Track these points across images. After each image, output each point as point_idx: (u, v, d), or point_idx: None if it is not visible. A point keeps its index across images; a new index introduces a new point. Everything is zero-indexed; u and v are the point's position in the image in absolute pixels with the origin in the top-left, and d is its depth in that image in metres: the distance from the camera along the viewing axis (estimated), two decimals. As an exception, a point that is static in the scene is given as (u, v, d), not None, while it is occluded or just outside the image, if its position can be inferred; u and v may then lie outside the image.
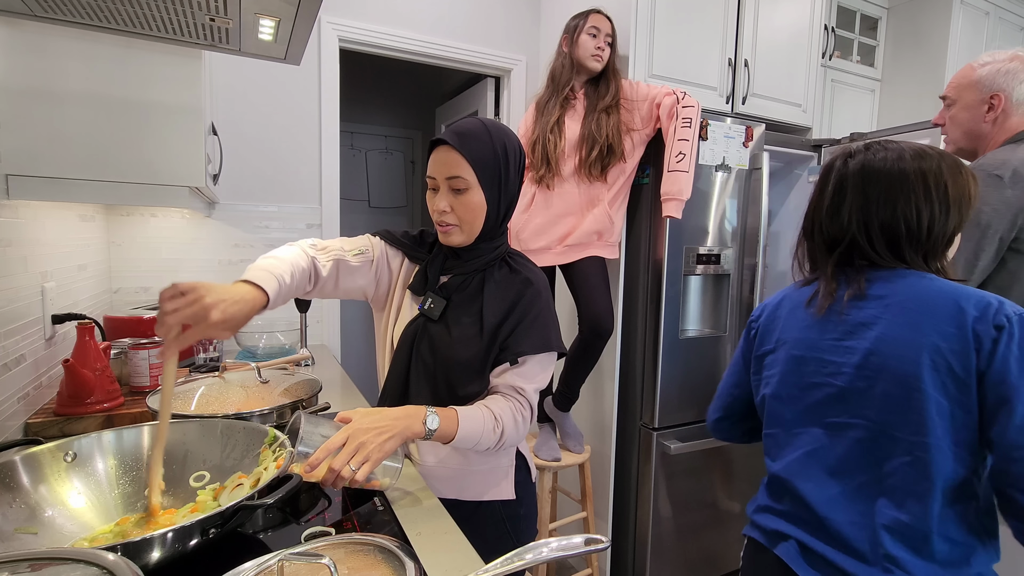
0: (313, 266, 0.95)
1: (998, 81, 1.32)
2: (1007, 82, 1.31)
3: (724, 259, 2.00)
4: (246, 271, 0.85)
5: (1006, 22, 3.06)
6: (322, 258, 0.97)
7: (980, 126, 1.37)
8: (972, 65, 1.38)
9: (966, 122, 1.39)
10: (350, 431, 0.82)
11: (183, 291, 0.73)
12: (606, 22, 1.82)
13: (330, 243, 1.02)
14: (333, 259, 0.99)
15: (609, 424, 2.07)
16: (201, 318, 0.72)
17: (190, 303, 0.72)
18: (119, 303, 1.89)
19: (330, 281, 0.99)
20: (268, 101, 2.08)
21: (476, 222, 0.97)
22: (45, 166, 1.13)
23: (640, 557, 1.99)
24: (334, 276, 0.99)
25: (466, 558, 0.73)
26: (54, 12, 0.91)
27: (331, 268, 0.98)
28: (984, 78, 1.35)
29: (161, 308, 0.72)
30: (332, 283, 0.99)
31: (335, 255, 0.99)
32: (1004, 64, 1.33)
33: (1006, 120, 1.34)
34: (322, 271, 0.96)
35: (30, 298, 1.19)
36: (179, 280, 0.74)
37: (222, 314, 0.74)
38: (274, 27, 0.99)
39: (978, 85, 1.35)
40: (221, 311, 0.74)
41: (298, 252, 0.94)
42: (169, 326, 0.72)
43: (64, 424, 1.17)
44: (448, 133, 0.95)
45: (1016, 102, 1.31)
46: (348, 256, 1.01)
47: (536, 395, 1.00)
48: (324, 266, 0.97)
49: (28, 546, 0.66)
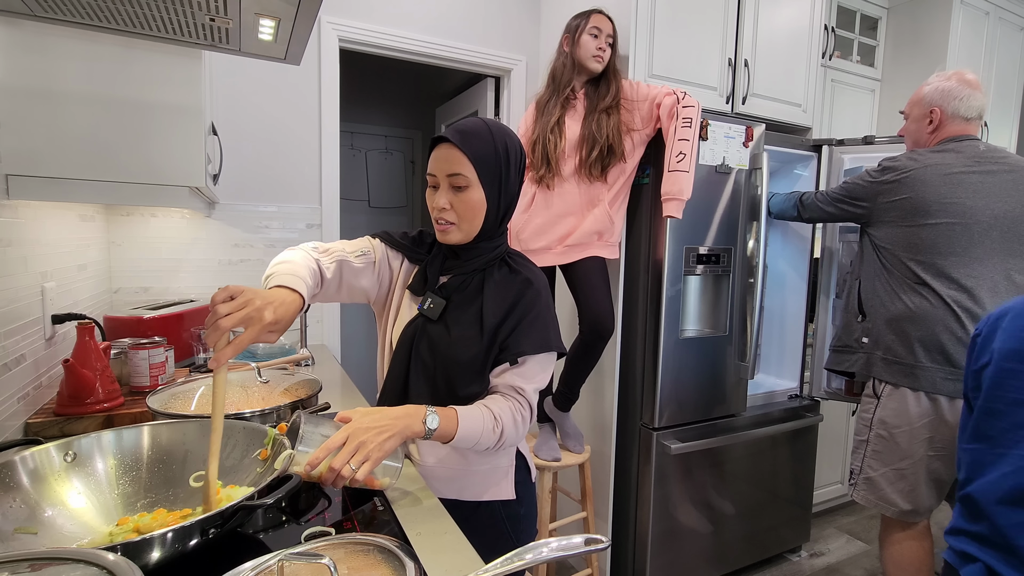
0: (318, 268, 0.96)
1: (935, 98, 1.59)
2: (943, 99, 1.57)
3: (724, 259, 2.00)
4: (270, 278, 0.86)
5: (1006, 22, 3.06)
6: (325, 260, 0.97)
7: (923, 136, 1.65)
8: (923, 84, 1.65)
9: (913, 133, 1.68)
10: (350, 430, 0.82)
11: (233, 295, 0.73)
12: (608, 23, 1.82)
13: (331, 246, 1.02)
14: (336, 261, 0.99)
15: (609, 424, 2.07)
16: (256, 320, 0.73)
17: (243, 305, 0.73)
18: (119, 303, 1.88)
19: (334, 283, 0.99)
20: (268, 101, 2.08)
21: (475, 220, 0.97)
22: (45, 166, 1.13)
23: (640, 557, 1.99)
24: (338, 278, 0.99)
25: (466, 558, 0.73)
26: (54, 12, 0.91)
27: (335, 270, 0.98)
28: (927, 95, 1.62)
29: (214, 312, 0.72)
30: (336, 285, 0.99)
31: (338, 257, 0.99)
32: (944, 83, 1.59)
33: (941, 131, 1.60)
34: (326, 273, 0.96)
35: (30, 298, 1.19)
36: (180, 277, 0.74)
37: (274, 314, 0.76)
38: (274, 27, 0.99)
39: (922, 101, 1.63)
40: (273, 311, 0.76)
41: (304, 255, 0.94)
42: (223, 330, 0.72)
43: (64, 424, 1.17)
44: (450, 131, 0.95)
45: (950, 115, 1.57)
46: (351, 258, 1.01)
47: (536, 395, 1.00)
48: (328, 268, 0.97)
49: (28, 546, 0.66)
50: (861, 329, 1.68)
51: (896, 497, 1.58)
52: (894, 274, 1.61)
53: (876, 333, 1.63)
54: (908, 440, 1.55)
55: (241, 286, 0.75)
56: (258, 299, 0.75)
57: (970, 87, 1.56)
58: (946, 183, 1.52)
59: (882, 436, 1.59)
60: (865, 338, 1.66)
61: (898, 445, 1.57)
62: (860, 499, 1.66)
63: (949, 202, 1.52)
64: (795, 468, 2.30)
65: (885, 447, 1.60)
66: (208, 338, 0.72)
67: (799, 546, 2.41)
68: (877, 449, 1.61)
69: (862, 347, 1.67)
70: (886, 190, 1.61)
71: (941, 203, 1.52)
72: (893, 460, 1.58)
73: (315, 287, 0.92)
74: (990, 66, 3.03)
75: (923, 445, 1.53)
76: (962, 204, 1.51)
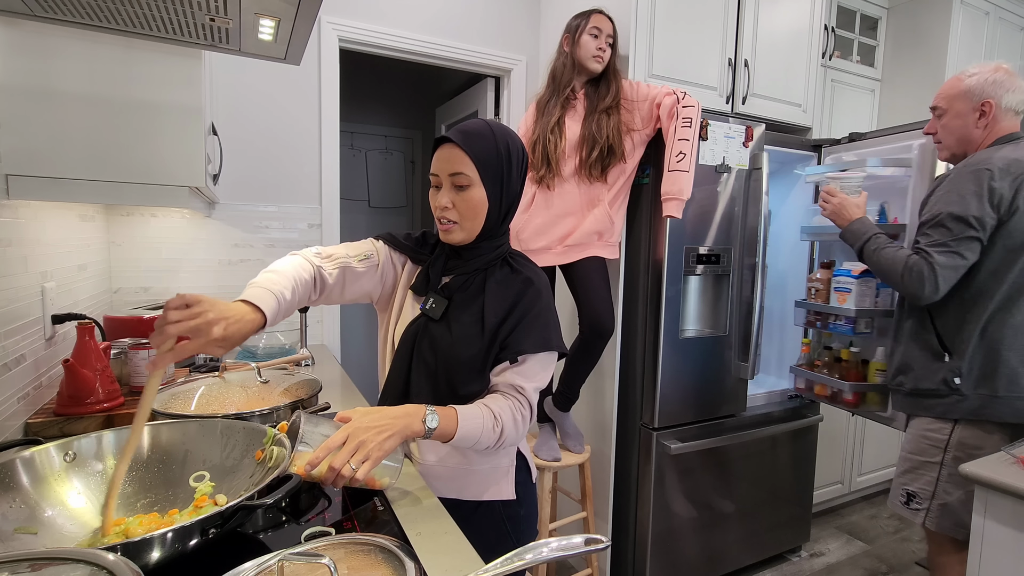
0: (319, 274, 0.96)
1: (987, 90, 1.44)
2: (995, 91, 1.43)
3: (724, 259, 2.00)
4: (246, 288, 0.85)
5: (1006, 22, 3.06)
6: (328, 266, 0.98)
7: (972, 132, 1.48)
8: (959, 76, 1.49)
9: (958, 129, 1.50)
10: (350, 430, 0.82)
11: (188, 303, 0.73)
12: (608, 23, 1.82)
13: (335, 250, 1.02)
14: (339, 267, 0.99)
15: (609, 424, 2.07)
16: (203, 332, 0.73)
17: (194, 315, 0.73)
18: (119, 303, 1.88)
19: (336, 288, 0.99)
20: (268, 101, 2.08)
21: (477, 219, 0.97)
22: (45, 166, 1.13)
23: (640, 557, 1.99)
24: (341, 283, 1.00)
25: (466, 558, 0.73)
26: (54, 12, 0.91)
27: (338, 276, 0.99)
28: (974, 87, 1.46)
29: (163, 317, 0.72)
30: (339, 290, 1.00)
31: (341, 262, 1.00)
32: (991, 74, 1.45)
33: (995, 125, 1.46)
34: (328, 279, 0.97)
35: (30, 298, 1.19)
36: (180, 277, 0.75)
37: (223, 331, 0.75)
38: (274, 27, 0.99)
39: (968, 94, 1.47)
40: (223, 328, 0.74)
41: (300, 263, 0.95)
42: (168, 336, 0.72)
43: (64, 424, 1.16)
44: (452, 131, 0.96)
45: (1004, 108, 1.43)
46: (354, 262, 1.02)
47: (536, 394, 1.00)
48: (331, 274, 0.98)
49: (28, 546, 0.66)
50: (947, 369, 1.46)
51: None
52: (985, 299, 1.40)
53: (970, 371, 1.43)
54: None
55: (200, 296, 0.75)
56: (212, 312, 0.74)
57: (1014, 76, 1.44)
58: None
59: (960, 459, 1.40)
60: (956, 379, 1.44)
61: None
62: (932, 526, 1.48)
63: None
64: (795, 468, 2.30)
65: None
66: (152, 340, 0.72)
67: (799, 546, 2.41)
68: (954, 472, 1.42)
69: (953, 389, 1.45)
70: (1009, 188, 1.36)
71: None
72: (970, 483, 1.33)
73: (302, 299, 0.92)
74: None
75: None
76: None
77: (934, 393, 1.48)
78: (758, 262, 2.03)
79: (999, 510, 1.17)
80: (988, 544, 1.19)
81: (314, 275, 0.95)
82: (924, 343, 1.51)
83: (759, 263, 2.03)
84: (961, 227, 1.38)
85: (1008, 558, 1.15)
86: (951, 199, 1.40)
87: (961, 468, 1.23)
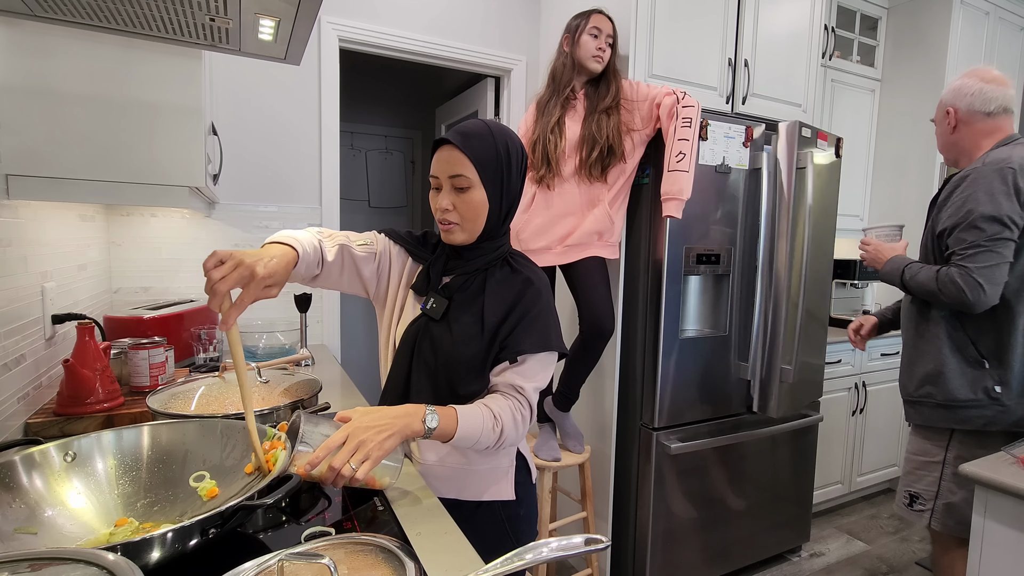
0: (321, 247, 0.97)
1: (948, 98, 1.53)
2: (955, 97, 1.51)
3: (724, 259, 2.00)
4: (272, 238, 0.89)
5: (1006, 22, 3.06)
6: (328, 243, 0.99)
7: (950, 138, 1.55)
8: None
9: (941, 137, 1.59)
10: (350, 430, 0.82)
11: (222, 259, 0.75)
12: (608, 23, 1.82)
13: (336, 232, 1.03)
14: (338, 244, 1.00)
15: (609, 424, 2.07)
16: (250, 277, 0.75)
17: (234, 267, 0.75)
18: (119, 303, 1.88)
19: (335, 268, 1.00)
20: (268, 101, 2.08)
21: (478, 220, 0.97)
22: (45, 166, 1.13)
23: (640, 557, 1.99)
24: (339, 263, 1.00)
25: (466, 558, 0.73)
26: (54, 12, 0.91)
27: (336, 254, 0.99)
28: (943, 97, 1.56)
29: (209, 278, 0.73)
30: (337, 270, 1.01)
31: (340, 241, 1.01)
32: (956, 82, 1.53)
33: (968, 128, 1.50)
34: (327, 255, 0.98)
35: (30, 298, 1.19)
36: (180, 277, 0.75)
37: (266, 268, 0.78)
38: (274, 27, 0.99)
39: (941, 104, 1.57)
40: (264, 266, 0.77)
41: (306, 232, 0.96)
42: (221, 293, 0.73)
43: (64, 424, 1.17)
44: (451, 133, 0.96)
45: (967, 111, 1.49)
46: (353, 245, 1.02)
47: (536, 394, 1.00)
48: (330, 251, 0.98)
49: (28, 546, 0.66)
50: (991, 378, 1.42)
51: None
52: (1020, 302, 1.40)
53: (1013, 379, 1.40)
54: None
55: (229, 250, 0.77)
56: (248, 257, 0.76)
57: (982, 81, 1.48)
58: None
59: (963, 457, 1.41)
60: (998, 387, 1.41)
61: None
62: (938, 526, 1.48)
63: None
64: (795, 468, 2.30)
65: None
66: (211, 304, 0.74)
67: (799, 546, 2.41)
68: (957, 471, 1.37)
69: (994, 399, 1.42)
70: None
71: None
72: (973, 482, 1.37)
73: (315, 259, 0.94)
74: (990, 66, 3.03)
75: None
76: None
77: (974, 404, 1.43)
78: (758, 262, 2.03)
79: (999, 510, 1.17)
80: (988, 544, 1.19)
81: (316, 247, 0.96)
82: (958, 351, 1.46)
83: (759, 263, 2.03)
84: (996, 227, 1.35)
85: (1008, 558, 1.15)
86: (980, 198, 1.36)
87: (961, 468, 1.22)
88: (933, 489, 1.48)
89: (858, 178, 3.07)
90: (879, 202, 3.11)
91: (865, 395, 2.70)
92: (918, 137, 2.92)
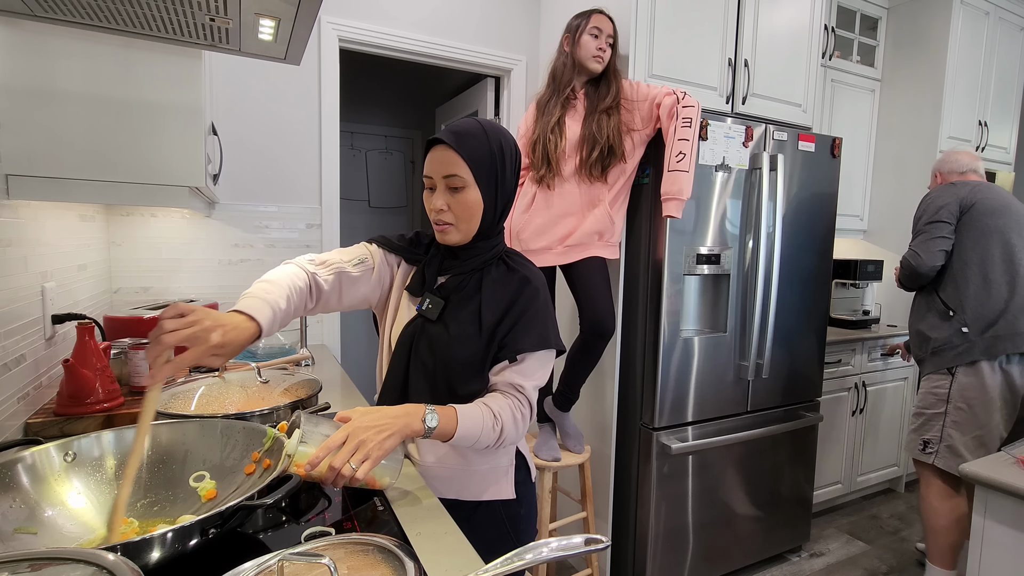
0: (314, 282, 0.95)
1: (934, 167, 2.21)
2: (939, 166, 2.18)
3: (724, 259, 2.00)
4: (240, 299, 0.84)
5: (1006, 22, 3.06)
6: (323, 273, 0.97)
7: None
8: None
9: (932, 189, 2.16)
10: (349, 429, 0.82)
11: (183, 312, 0.73)
12: (608, 23, 1.82)
13: (328, 256, 1.01)
14: (335, 272, 0.98)
15: (609, 424, 2.07)
16: (201, 340, 0.72)
17: (190, 323, 0.72)
18: (119, 303, 1.89)
19: (333, 295, 0.99)
20: (268, 101, 2.08)
21: (473, 220, 0.97)
22: (45, 166, 1.13)
23: (640, 557, 1.99)
24: (337, 290, 0.99)
25: (466, 558, 0.73)
26: (54, 12, 0.91)
27: (333, 282, 0.98)
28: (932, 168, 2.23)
29: (159, 327, 0.71)
30: (336, 297, 0.99)
31: (336, 268, 0.99)
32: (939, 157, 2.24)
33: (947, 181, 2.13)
34: (324, 286, 0.96)
35: (30, 298, 1.19)
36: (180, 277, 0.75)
37: (221, 338, 0.74)
38: (274, 27, 0.99)
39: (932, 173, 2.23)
40: (221, 335, 0.74)
41: (294, 271, 0.93)
42: (165, 346, 0.71)
43: (64, 424, 1.17)
44: (444, 132, 0.95)
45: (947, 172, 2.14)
46: (348, 267, 1.01)
47: (535, 393, 1.00)
48: (326, 280, 0.97)
49: (28, 546, 0.66)
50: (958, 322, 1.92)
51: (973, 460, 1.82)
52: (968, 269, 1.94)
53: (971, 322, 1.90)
54: (985, 411, 1.87)
55: (194, 306, 0.74)
56: (208, 320, 0.73)
57: (955, 153, 2.15)
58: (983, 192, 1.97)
59: (961, 408, 1.89)
60: (965, 328, 1.90)
61: (976, 416, 1.88)
62: (942, 464, 1.93)
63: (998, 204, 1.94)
64: (795, 468, 2.30)
65: (964, 418, 1.89)
66: (148, 352, 0.71)
67: (799, 546, 2.41)
68: (957, 420, 1.90)
69: (964, 339, 1.91)
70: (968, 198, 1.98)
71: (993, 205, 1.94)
72: (972, 430, 1.88)
73: (297, 308, 0.91)
74: (990, 66, 3.03)
75: (997, 414, 1.87)
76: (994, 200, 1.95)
77: (952, 344, 1.92)
78: (758, 262, 2.03)
79: (999, 510, 1.17)
80: (988, 544, 1.19)
81: (309, 283, 0.94)
82: (934, 310, 1.99)
83: (759, 263, 2.03)
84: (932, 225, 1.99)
85: (1008, 558, 1.16)
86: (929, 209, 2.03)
87: (961, 468, 1.23)
88: (939, 435, 1.94)
89: (858, 178, 3.07)
90: (879, 202, 3.11)
91: (865, 395, 2.70)
92: (918, 137, 2.92)
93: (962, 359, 1.89)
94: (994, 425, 1.87)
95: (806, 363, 2.27)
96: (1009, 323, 1.86)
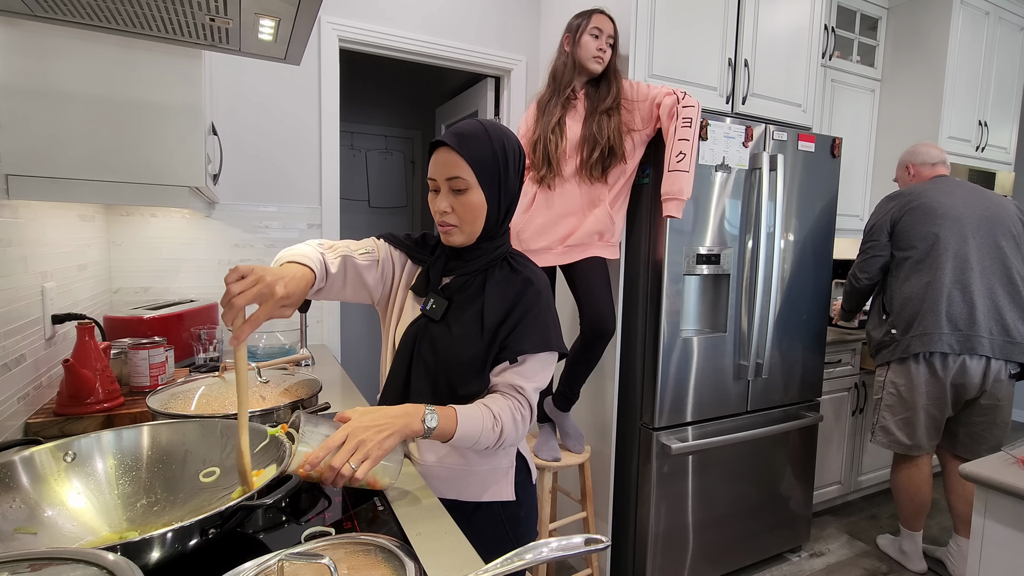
0: (323, 260, 0.96)
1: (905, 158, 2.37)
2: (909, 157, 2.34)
3: (724, 259, 2.00)
4: (282, 258, 0.89)
5: (1006, 22, 3.06)
6: (330, 255, 0.98)
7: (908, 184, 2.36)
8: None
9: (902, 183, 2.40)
10: (349, 429, 0.82)
11: (243, 274, 0.75)
12: (609, 23, 1.82)
13: (335, 242, 1.03)
14: (341, 256, 1.00)
15: (609, 424, 2.07)
16: (268, 295, 0.76)
17: (254, 283, 0.75)
18: (119, 303, 1.89)
19: (339, 279, 0.99)
20: (268, 101, 2.08)
21: (477, 222, 0.97)
22: (45, 166, 1.13)
23: (640, 557, 1.99)
24: (343, 273, 1.00)
25: (466, 558, 0.73)
26: (54, 12, 0.91)
27: (339, 265, 0.99)
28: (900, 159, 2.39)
29: (228, 291, 0.73)
30: (341, 281, 1.00)
31: (342, 252, 1.00)
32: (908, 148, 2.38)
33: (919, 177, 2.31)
34: (331, 267, 0.97)
35: (30, 298, 1.19)
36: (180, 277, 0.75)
37: (286, 288, 0.78)
38: (274, 27, 0.99)
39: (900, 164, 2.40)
40: (284, 285, 0.78)
41: (310, 247, 0.95)
42: (238, 308, 0.73)
43: (64, 424, 1.17)
44: (447, 134, 0.95)
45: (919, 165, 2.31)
46: (355, 255, 1.02)
47: (536, 394, 1.00)
48: (333, 263, 0.98)
49: (28, 546, 0.66)
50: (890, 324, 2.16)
51: (902, 437, 2.15)
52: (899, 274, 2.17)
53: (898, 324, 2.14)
54: (911, 396, 2.10)
55: (251, 265, 0.77)
56: (268, 275, 0.77)
57: (924, 146, 2.31)
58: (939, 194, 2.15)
59: (892, 394, 2.17)
60: (894, 329, 2.14)
61: (904, 400, 2.13)
62: (877, 443, 2.24)
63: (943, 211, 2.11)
64: (795, 468, 2.30)
65: (894, 402, 2.16)
66: (224, 317, 0.74)
67: (799, 546, 2.41)
68: (889, 404, 2.18)
69: (893, 338, 2.14)
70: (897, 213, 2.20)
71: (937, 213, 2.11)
72: (901, 412, 2.15)
73: (322, 275, 0.93)
74: (990, 66, 3.03)
75: (922, 397, 2.08)
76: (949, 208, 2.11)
77: (886, 343, 2.18)
78: (758, 262, 2.03)
79: (999, 510, 1.17)
80: (988, 544, 1.19)
81: (321, 261, 0.95)
82: (876, 314, 2.25)
83: (759, 263, 2.03)
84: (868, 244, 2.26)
85: (1008, 558, 1.16)
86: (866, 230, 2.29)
87: (961, 468, 1.23)
88: (876, 417, 2.25)
89: (858, 178, 3.07)
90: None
91: (865, 395, 2.70)
92: (918, 137, 2.92)
93: (893, 355, 2.14)
94: (920, 408, 2.09)
95: (806, 363, 2.27)
96: (923, 326, 2.05)
